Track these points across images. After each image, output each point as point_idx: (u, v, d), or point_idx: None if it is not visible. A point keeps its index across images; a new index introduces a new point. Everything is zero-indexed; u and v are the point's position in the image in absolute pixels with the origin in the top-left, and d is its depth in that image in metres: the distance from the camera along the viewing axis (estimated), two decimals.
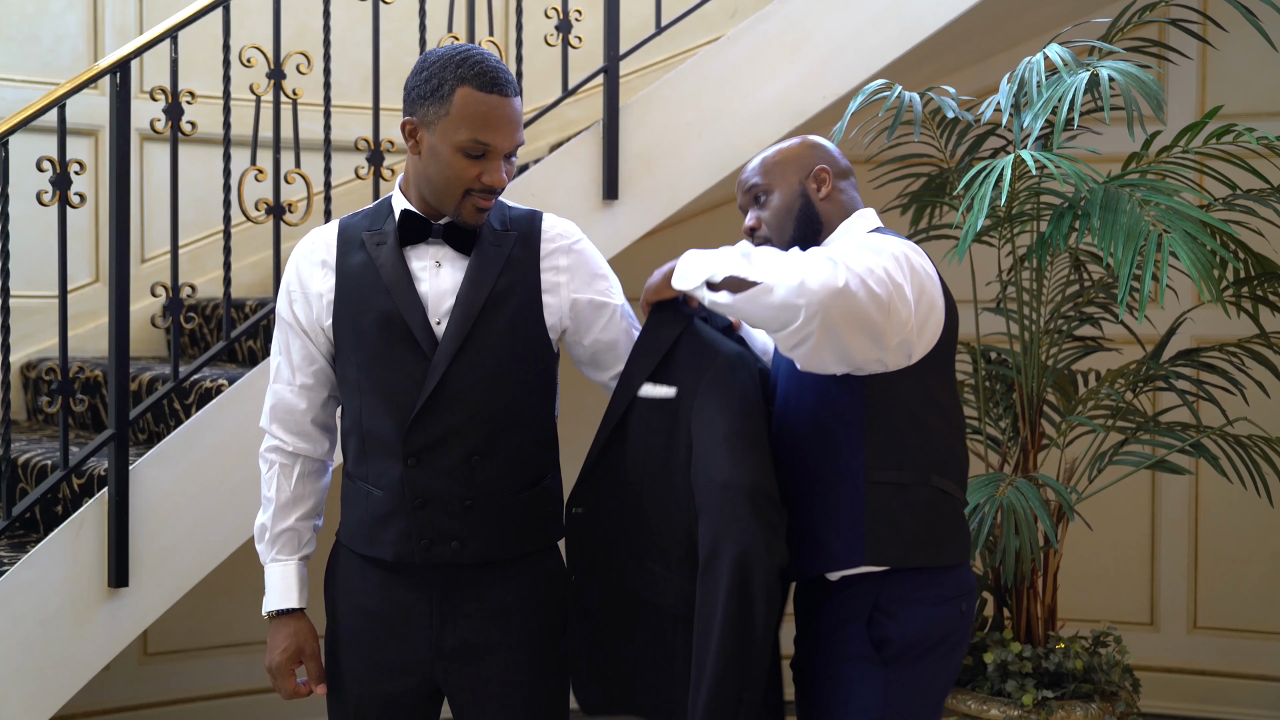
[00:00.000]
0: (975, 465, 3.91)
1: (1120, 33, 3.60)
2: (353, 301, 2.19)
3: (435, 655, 2.19)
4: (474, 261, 2.17)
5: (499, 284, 2.16)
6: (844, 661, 2.21)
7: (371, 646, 2.23)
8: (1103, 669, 3.54)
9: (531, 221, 2.25)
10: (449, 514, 2.16)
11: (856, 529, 2.19)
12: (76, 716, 4.16)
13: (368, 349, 2.17)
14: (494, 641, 2.19)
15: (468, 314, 2.14)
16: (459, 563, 2.17)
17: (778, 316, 2.00)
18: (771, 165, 2.35)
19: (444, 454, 2.15)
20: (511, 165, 2.17)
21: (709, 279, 2.07)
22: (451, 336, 2.13)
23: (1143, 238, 3.00)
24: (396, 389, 2.16)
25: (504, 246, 2.19)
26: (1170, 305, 4.20)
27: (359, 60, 4.08)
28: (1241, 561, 4.70)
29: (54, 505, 3.21)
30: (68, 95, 3.03)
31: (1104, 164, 3.65)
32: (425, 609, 2.19)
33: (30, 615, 2.96)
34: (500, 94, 2.10)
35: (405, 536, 2.17)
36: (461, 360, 2.13)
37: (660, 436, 2.16)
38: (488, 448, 2.15)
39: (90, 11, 4.27)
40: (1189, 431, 3.64)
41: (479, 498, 2.16)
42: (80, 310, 4.08)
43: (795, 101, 3.85)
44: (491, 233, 2.20)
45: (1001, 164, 3.14)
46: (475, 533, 2.16)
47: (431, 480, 2.15)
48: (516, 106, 2.13)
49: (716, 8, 4.55)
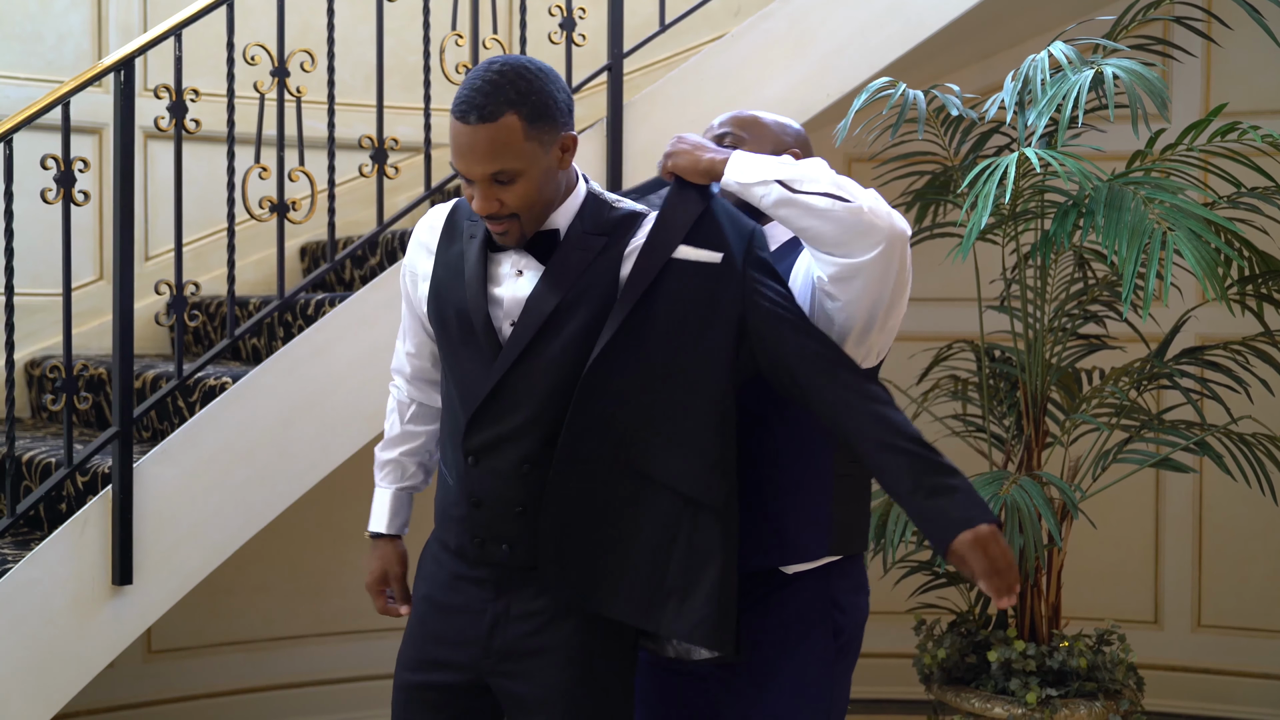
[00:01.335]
0: (979, 463, 3.91)
1: (1124, 30, 3.59)
2: (442, 291, 2.20)
3: (484, 654, 2.18)
4: (550, 269, 2.12)
5: (572, 292, 2.10)
6: (808, 658, 2.23)
7: (429, 638, 2.24)
8: (1107, 667, 3.53)
9: (629, 223, 2.15)
10: (500, 517, 2.15)
11: (824, 521, 2.21)
12: (80, 714, 4.16)
13: (448, 340, 2.19)
14: (541, 647, 2.16)
15: (533, 321, 2.10)
16: (509, 565, 2.16)
17: (851, 238, 2.04)
18: (751, 123, 2.33)
19: (499, 457, 2.14)
20: (514, 190, 2.06)
21: (786, 180, 2.06)
22: (514, 342, 2.11)
23: (1147, 236, 3.00)
24: (466, 386, 2.16)
25: (589, 250, 2.12)
26: (1174, 303, 4.20)
27: (363, 58, 4.08)
28: (1246, 560, 4.69)
29: (58, 503, 3.21)
30: (72, 93, 3.04)
31: (1108, 162, 3.64)
32: (480, 607, 2.19)
33: (34, 613, 2.96)
34: (461, 120, 2.05)
35: (465, 530, 2.19)
36: (521, 367, 2.11)
37: (700, 304, 2.08)
38: (541, 456, 2.11)
39: (94, 9, 4.27)
40: (1193, 430, 3.64)
41: (530, 504, 2.13)
42: (84, 308, 4.08)
43: (799, 99, 3.85)
44: (579, 236, 2.13)
45: (1005, 162, 3.14)
46: (526, 536, 2.14)
47: (486, 481, 2.15)
48: (480, 136, 2.03)
49: (720, 6, 4.55)
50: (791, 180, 2.07)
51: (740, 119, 2.35)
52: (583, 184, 2.19)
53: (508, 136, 2.04)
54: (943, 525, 2.02)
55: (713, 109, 3.80)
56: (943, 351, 4.05)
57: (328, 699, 4.43)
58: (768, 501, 2.20)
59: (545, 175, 2.09)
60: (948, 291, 4.56)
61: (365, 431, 3.34)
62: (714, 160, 2.14)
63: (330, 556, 4.45)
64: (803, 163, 2.14)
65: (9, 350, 3.04)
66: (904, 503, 2.06)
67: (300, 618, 4.48)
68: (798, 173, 2.09)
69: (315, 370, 3.30)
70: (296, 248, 4.46)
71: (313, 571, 4.48)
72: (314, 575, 4.49)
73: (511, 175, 2.06)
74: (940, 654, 3.63)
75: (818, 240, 2.07)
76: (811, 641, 2.23)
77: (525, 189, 2.08)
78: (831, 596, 2.24)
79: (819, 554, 2.22)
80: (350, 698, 4.48)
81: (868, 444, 2.07)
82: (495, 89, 2.04)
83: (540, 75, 2.08)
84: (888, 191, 4.09)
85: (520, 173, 2.06)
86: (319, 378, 3.30)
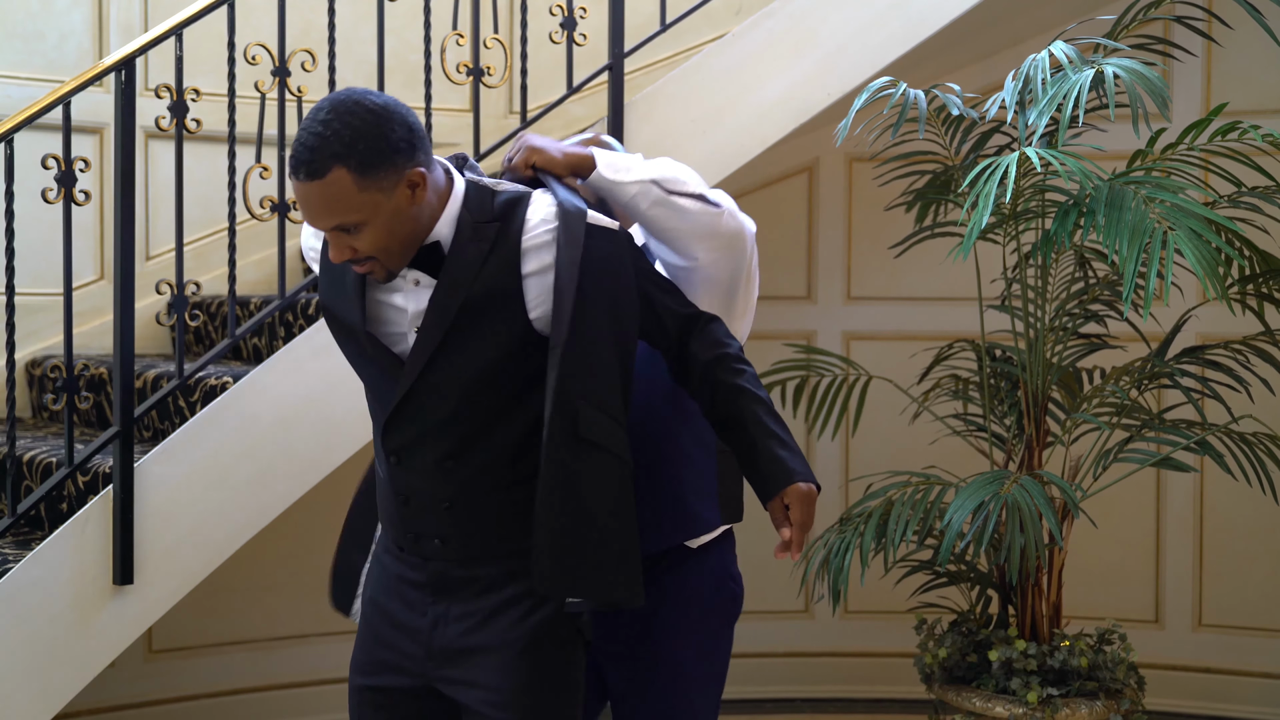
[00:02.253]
0: (980, 462, 3.91)
1: (1125, 30, 3.59)
2: (329, 302, 2.17)
3: (427, 656, 2.18)
4: (446, 269, 2.07)
5: (475, 287, 2.06)
6: (716, 630, 2.37)
7: (378, 642, 2.24)
8: (1108, 666, 3.53)
9: (514, 207, 2.10)
10: (430, 512, 2.15)
11: (713, 494, 2.36)
12: (81, 714, 4.16)
13: (350, 345, 2.17)
14: (482, 644, 2.15)
15: (437, 329, 2.07)
16: (445, 558, 2.15)
17: (710, 237, 2.20)
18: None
19: (420, 455, 2.13)
20: (363, 237, 2.00)
21: (661, 180, 2.16)
22: (419, 353, 2.08)
23: (1148, 235, 2.99)
24: (376, 390, 2.17)
25: (483, 241, 2.07)
26: (1175, 303, 4.20)
27: (364, 57, 4.08)
28: (1247, 559, 4.69)
29: (59, 502, 3.21)
30: (73, 93, 3.04)
31: (1109, 161, 3.64)
32: (422, 610, 2.18)
33: (35, 612, 2.96)
34: (293, 175, 1.98)
35: (397, 524, 2.19)
36: (432, 376, 2.09)
37: (611, 273, 2.10)
38: (460, 451, 2.11)
39: (95, 9, 4.27)
40: (1194, 429, 3.64)
41: (457, 498, 2.13)
42: (85, 308, 4.08)
43: (800, 99, 3.85)
44: (468, 229, 2.07)
45: (1006, 161, 3.14)
46: (456, 531, 2.14)
47: (411, 479, 2.15)
48: (314, 190, 1.96)
49: (721, 5, 4.54)
50: (666, 181, 2.17)
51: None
52: (459, 181, 2.11)
53: (338, 191, 1.96)
54: (786, 471, 2.15)
55: (714, 108, 3.82)
56: (944, 351, 4.05)
57: (328, 699, 4.43)
58: (668, 476, 2.30)
59: (394, 218, 2.01)
60: (948, 291, 4.56)
61: (366, 431, 3.31)
62: (579, 156, 2.19)
63: (331, 556, 4.44)
64: (666, 162, 2.21)
65: (10, 350, 3.04)
66: (754, 445, 2.15)
67: (301, 617, 4.48)
68: (669, 173, 2.18)
69: (316, 370, 3.29)
70: (297, 247, 4.46)
71: (313, 571, 4.46)
72: (315, 575, 4.45)
73: (354, 225, 1.99)
74: (941, 653, 3.63)
75: (678, 239, 2.19)
76: (717, 613, 2.36)
77: (374, 235, 2.00)
78: (726, 568, 2.39)
79: (715, 525, 2.35)
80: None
81: (735, 391, 2.18)
82: (321, 142, 1.95)
83: (369, 115, 1.98)
84: (889, 191, 4.11)
85: (363, 223, 1.99)
86: (320, 377, 3.30)
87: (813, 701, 4.87)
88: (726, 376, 2.19)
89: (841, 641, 4.90)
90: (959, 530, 3.28)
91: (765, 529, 5.41)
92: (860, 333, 4.91)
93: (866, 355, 4.44)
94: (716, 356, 2.20)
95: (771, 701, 4.88)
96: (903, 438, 4.41)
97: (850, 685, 4.89)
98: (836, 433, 4.27)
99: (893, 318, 4.88)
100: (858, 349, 4.76)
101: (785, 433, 2.19)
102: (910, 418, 4.18)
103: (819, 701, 4.87)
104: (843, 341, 4.87)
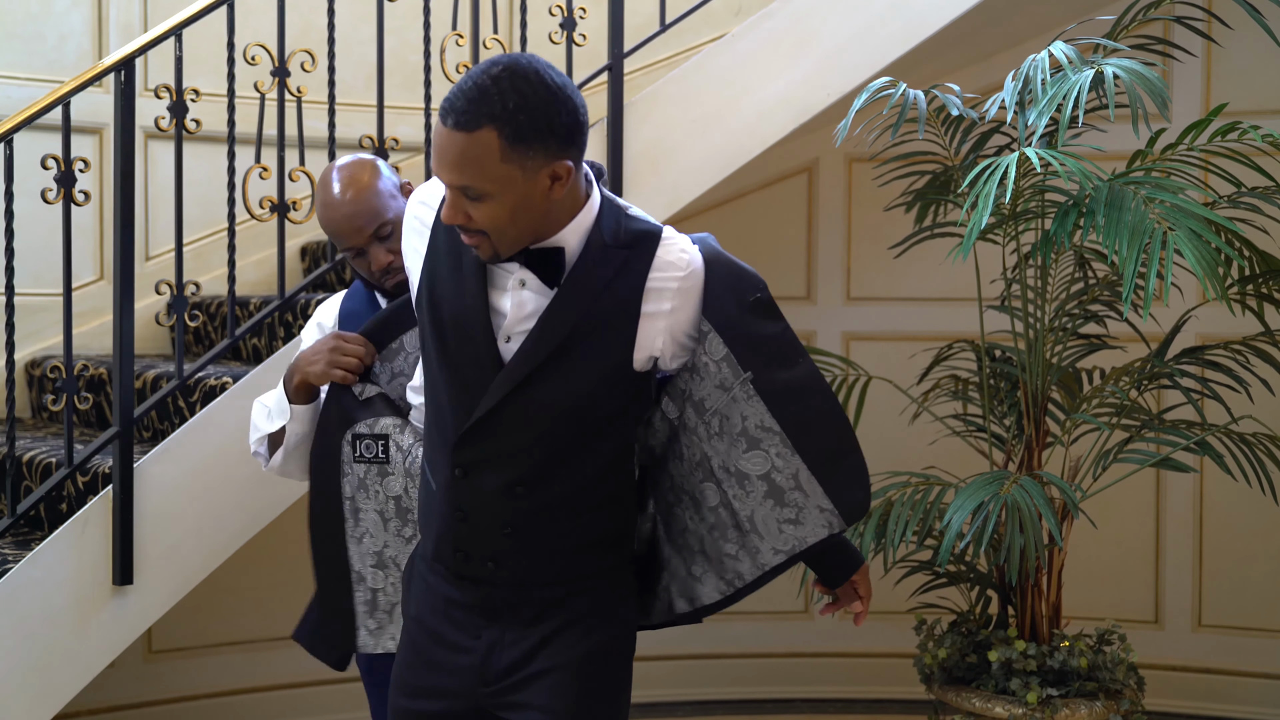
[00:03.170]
0: (980, 463, 3.91)
1: (1125, 30, 3.59)
2: (436, 283, 2.03)
3: (480, 681, 2.10)
4: (565, 285, 1.94)
5: (593, 310, 1.95)
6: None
7: (424, 665, 2.15)
8: (1107, 667, 3.53)
9: (646, 242, 1.99)
10: (487, 533, 2.04)
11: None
12: (80, 714, 4.16)
13: (439, 335, 2.03)
14: (540, 669, 2.07)
15: (548, 341, 1.94)
16: (493, 582, 2.07)
17: None
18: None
19: (489, 475, 2.01)
20: (482, 208, 1.87)
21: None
22: (518, 364, 1.95)
23: (1147, 235, 2.99)
24: (459, 394, 2.00)
25: (606, 268, 1.95)
26: (1175, 303, 4.20)
27: (364, 58, 4.08)
28: (1246, 559, 4.69)
29: (59, 503, 3.21)
30: (72, 93, 3.04)
31: (1109, 161, 3.64)
32: (473, 631, 2.10)
33: (35, 613, 2.96)
34: (441, 121, 1.85)
35: (447, 540, 2.08)
36: (528, 391, 1.96)
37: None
38: (534, 479, 2.01)
39: (95, 9, 4.27)
40: (1194, 429, 3.64)
41: (520, 524, 2.03)
42: (85, 308, 4.08)
43: (799, 99, 3.85)
44: (598, 249, 1.95)
45: (1006, 161, 3.14)
46: (512, 555, 2.05)
47: (474, 497, 2.03)
48: (456, 141, 1.83)
49: (721, 5, 4.55)
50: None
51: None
52: (596, 193, 1.99)
53: (480, 152, 1.84)
54: (854, 558, 2.24)
55: (713, 108, 3.82)
56: (943, 351, 4.05)
57: (327, 699, 4.43)
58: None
59: (523, 201, 1.88)
60: (948, 291, 4.56)
61: None
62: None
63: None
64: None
65: (9, 350, 3.05)
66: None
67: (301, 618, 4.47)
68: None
69: None
70: (297, 248, 4.46)
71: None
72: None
73: (479, 194, 1.87)
74: (941, 654, 3.63)
75: None
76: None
77: (495, 212, 1.88)
78: None
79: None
80: (349, 698, 4.46)
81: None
82: (482, 95, 1.83)
83: (544, 90, 1.85)
84: (888, 191, 4.11)
85: (489, 195, 1.86)
86: None
87: (812, 702, 4.88)
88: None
89: (841, 642, 4.89)
90: (958, 531, 3.28)
91: None
92: (860, 333, 4.91)
93: (866, 355, 4.44)
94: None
95: (771, 702, 4.88)
96: (902, 438, 4.41)
97: (850, 685, 4.89)
98: None
99: (892, 318, 4.88)
100: (857, 349, 4.76)
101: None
102: (910, 418, 4.18)
103: (819, 701, 4.87)
104: (842, 342, 4.88)
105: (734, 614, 5.05)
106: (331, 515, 2.39)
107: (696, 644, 4.79)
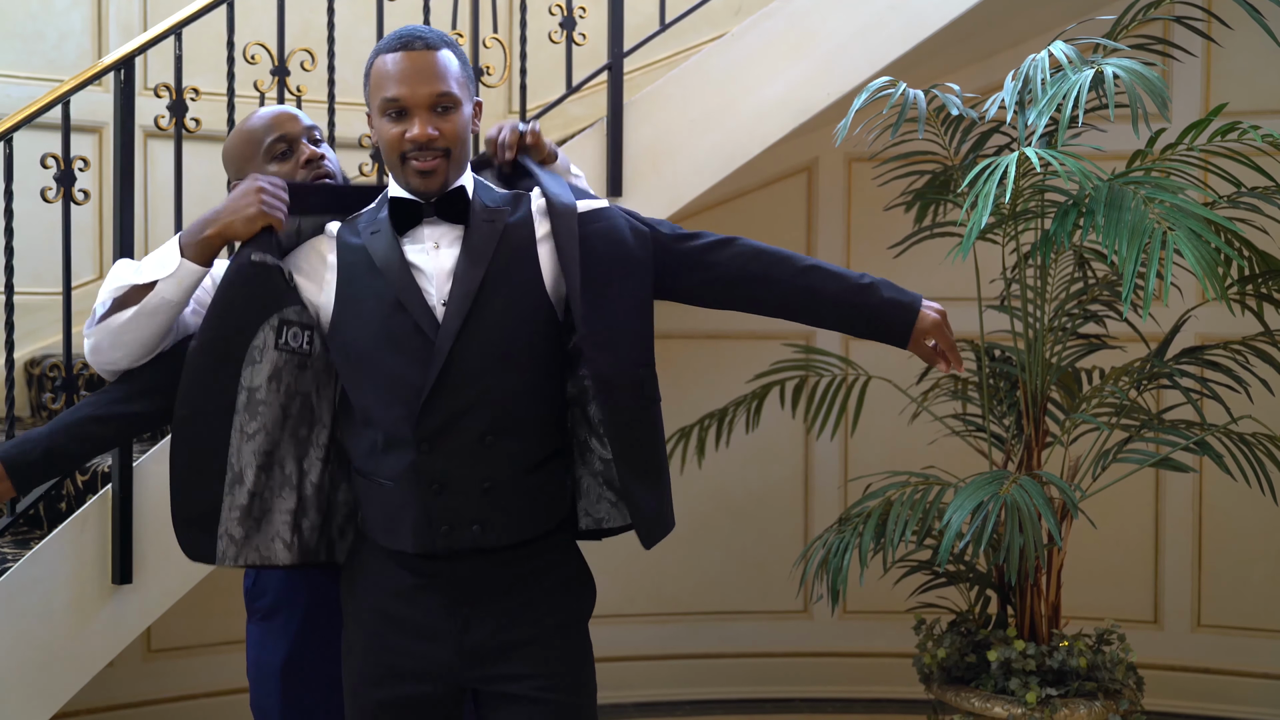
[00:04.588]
0: (979, 463, 3.91)
1: (1125, 30, 3.59)
2: (354, 286, 2.18)
3: (459, 657, 2.16)
4: (468, 238, 2.17)
5: (496, 258, 2.16)
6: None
7: (392, 652, 2.19)
8: (1107, 667, 3.53)
9: (519, 198, 2.27)
10: (467, 497, 2.13)
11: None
12: (80, 713, 4.17)
13: (366, 338, 2.15)
14: (519, 638, 2.17)
15: (466, 292, 2.12)
16: (481, 548, 2.14)
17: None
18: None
19: (457, 436, 2.12)
20: (451, 119, 2.17)
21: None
22: (453, 316, 2.12)
23: (1147, 235, 2.99)
24: (401, 377, 2.12)
25: (498, 221, 2.19)
26: (1174, 303, 4.20)
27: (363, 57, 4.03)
28: (1246, 559, 4.69)
29: (58, 502, 3.21)
30: (72, 92, 3.04)
31: (1108, 161, 3.64)
32: (448, 611, 2.16)
33: (34, 612, 2.96)
34: (405, 49, 2.16)
35: (425, 525, 2.13)
36: (465, 339, 2.11)
37: (616, 244, 2.26)
38: (500, 426, 2.13)
39: (95, 8, 4.27)
40: (1193, 429, 3.64)
41: (496, 478, 2.14)
42: (84, 307, 4.03)
43: (799, 99, 3.85)
44: (484, 209, 2.21)
45: (1006, 161, 3.13)
46: (495, 514, 2.14)
47: (446, 464, 2.12)
48: (428, 59, 2.16)
49: (720, 5, 4.55)
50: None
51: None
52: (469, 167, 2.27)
53: (449, 66, 2.18)
54: (905, 307, 2.42)
55: (713, 108, 3.82)
56: None
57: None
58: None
59: (467, 122, 2.21)
60: (948, 291, 4.53)
61: None
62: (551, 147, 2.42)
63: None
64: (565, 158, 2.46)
65: (9, 349, 3.05)
66: (845, 307, 2.35)
67: None
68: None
69: None
70: None
71: None
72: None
73: (451, 103, 2.16)
74: (940, 653, 3.63)
75: None
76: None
77: (459, 122, 2.18)
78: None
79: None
80: None
81: (804, 271, 2.34)
82: (431, 32, 2.21)
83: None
84: (888, 191, 4.11)
85: (458, 104, 2.18)
86: None
87: (812, 702, 4.88)
88: (787, 264, 2.32)
89: (840, 642, 4.90)
90: (958, 530, 3.28)
91: (763, 529, 5.41)
92: None
93: (865, 355, 4.43)
94: (756, 251, 2.32)
95: (771, 701, 4.88)
96: (902, 438, 4.41)
97: (849, 685, 4.89)
98: (835, 433, 4.27)
99: None
100: (857, 349, 4.75)
101: (865, 276, 2.38)
102: (909, 418, 4.18)
103: (818, 701, 4.87)
104: (842, 341, 4.87)
105: (734, 614, 5.07)
106: (219, 405, 2.16)
107: (696, 644, 4.79)
